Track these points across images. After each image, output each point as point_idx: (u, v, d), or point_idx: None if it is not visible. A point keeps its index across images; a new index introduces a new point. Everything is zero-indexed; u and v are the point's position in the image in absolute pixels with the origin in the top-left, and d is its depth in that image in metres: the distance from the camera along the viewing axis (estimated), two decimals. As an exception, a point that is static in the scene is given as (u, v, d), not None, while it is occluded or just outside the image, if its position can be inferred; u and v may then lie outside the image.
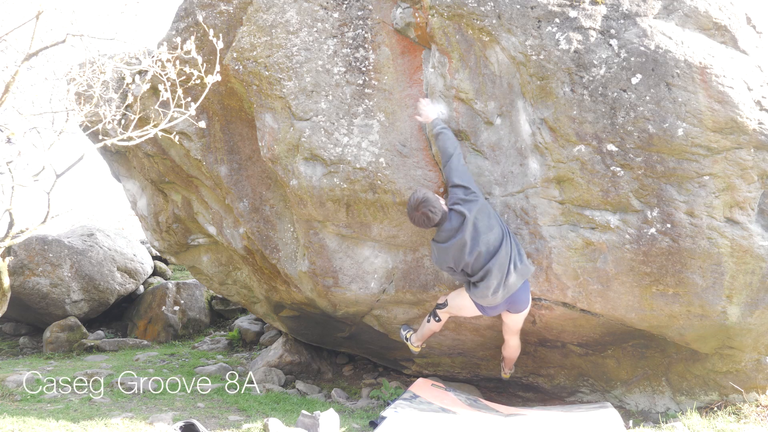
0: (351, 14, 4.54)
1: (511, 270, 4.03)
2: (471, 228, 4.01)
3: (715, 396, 4.57)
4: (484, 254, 4.02)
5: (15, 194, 3.59)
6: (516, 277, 4.05)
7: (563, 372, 5.10)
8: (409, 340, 4.89)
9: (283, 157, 4.61)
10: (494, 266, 4.01)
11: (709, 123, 3.72)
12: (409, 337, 4.88)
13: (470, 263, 4.07)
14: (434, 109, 4.26)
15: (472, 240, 4.02)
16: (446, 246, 4.08)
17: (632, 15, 3.89)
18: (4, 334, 9.07)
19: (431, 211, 4.02)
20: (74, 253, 8.73)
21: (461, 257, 4.06)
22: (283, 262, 5.08)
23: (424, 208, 4.03)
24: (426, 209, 4.02)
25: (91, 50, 3.80)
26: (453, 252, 4.08)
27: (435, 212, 4.03)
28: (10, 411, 4.54)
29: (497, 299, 4.11)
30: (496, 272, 4.01)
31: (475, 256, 4.03)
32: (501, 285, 4.04)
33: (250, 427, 4.12)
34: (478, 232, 4.02)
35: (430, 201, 4.04)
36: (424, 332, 4.71)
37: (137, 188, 6.37)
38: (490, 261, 4.02)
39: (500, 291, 4.06)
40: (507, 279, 4.03)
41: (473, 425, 4.07)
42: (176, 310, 9.04)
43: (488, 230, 4.02)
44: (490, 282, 4.03)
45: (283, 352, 6.44)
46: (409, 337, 4.88)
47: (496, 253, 4.01)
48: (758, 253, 3.82)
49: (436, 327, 4.62)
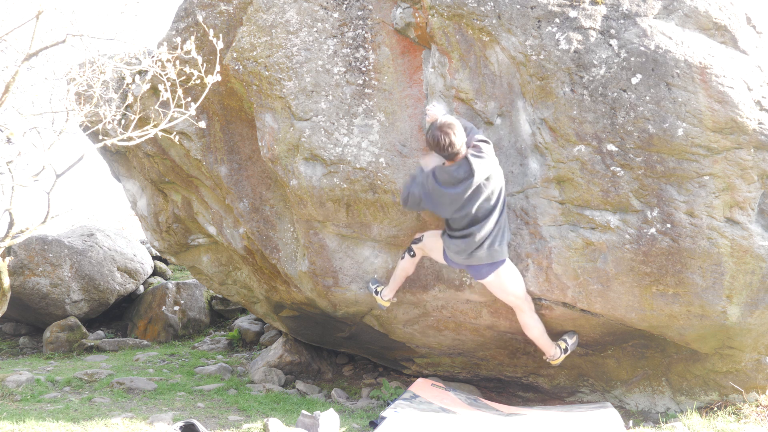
0: (351, 14, 4.54)
1: (485, 246, 3.97)
2: (474, 188, 3.85)
3: (715, 396, 4.57)
4: (471, 217, 3.93)
5: (15, 194, 3.59)
6: (486, 254, 3.99)
7: (563, 372, 5.10)
8: (379, 293, 4.59)
9: (283, 157, 4.61)
10: (475, 232, 3.94)
11: (709, 123, 3.72)
12: (380, 291, 4.59)
13: (456, 219, 3.98)
14: (440, 108, 4.20)
15: (468, 200, 3.88)
16: (442, 190, 3.89)
17: (632, 15, 3.89)
18: (4, 334, 9.07)
19: (452, 139, 3.75)
20: (74, 253, 8.72)
21: (449, 208, 3.93)
22: (283, 262, 5.08)
23: (448, 129, 3.76)
24: (449, 133, 3.75)
25: (91, 50, 3.80)
26: (444, 199, 3.91)
27: (454, 143, 3.76)
28: (10, 411, 4.54)
29: (459, 260, 4.08)
30: (472, 239, 3.95)
31: (464, 214, 3.93)
32: (469, 252, 3.99)
33: (250, 427, 4.12)
34: (479, 195, 3.88)
35: (457, 129, 3.79)
36: (398, 276, 4.46)
37: (137, 188, 6.37)
38: (473, 226, 3.95)
39: (464, 255, 4.02)
40: (477, 251, 3.98)
41: (473, 425, 4.07)
42: (176, 310, 9.04)
43: (488, 199, 3.91)
44: (462, 245, 3.99)
45: (283, 352, 6.44)
46: (380, 290, 4.59)
47: (483, 222, 3.93)
48: (758, 253, 3.82)
49: (410, 265, 4.41)
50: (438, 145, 3.81)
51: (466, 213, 3.92)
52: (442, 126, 3.79)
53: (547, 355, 4.49)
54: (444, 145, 3.79)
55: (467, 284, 4.50)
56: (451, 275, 4.55)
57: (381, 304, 4.66)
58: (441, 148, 3.82)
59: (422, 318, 4.99)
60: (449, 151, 3.81)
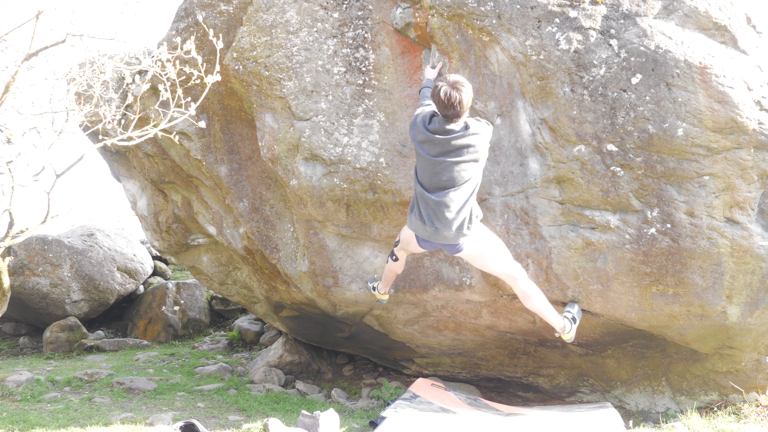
0: (351, 14, 4.54)
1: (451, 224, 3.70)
2: (460, 145, 3.62)
3: (715, 396, 4.57)
4: (445, 177, 3.66)
5: (15, 194, 3.59)
6: (453, 235, 3.74)
7: (563, 372, 5.10)
8: (376, 289, 4.65)
9: (283, 157, 4.61)
10: (442, 199, 3.67)
11: (709, 123, 3.72)
12: (376, 287, 4.65)
13: (429, 173, 3.70)
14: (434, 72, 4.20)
15: (449, 154, 3.64)
16: (429, 135, 3.67)
17: (632, 15, 3.89)
18: (4, 334, 9.07)
19: (462, 97, 3.55)
20: (74, 253, 8.73)
21: (428, 153, 3.68)
22: (283, 262, 5.08)
23: (461, 87, 3.56)
24: (461, 90, 3.55)
25: (91, 50, 3.80)
26: (428, 148, 3.68)
27: (464, 102, 3.57)
28: (10, 411, 4.55)
29: (424, 233, 3.79)
30: (436, 206, 3.68)
31: (438, 170, 3.66)
32: (432, 224, 3.73)
33: (250, 427, 4.12)
34: (460, 155, 3.64)
35: (468, 89, 3.60)
36: (387, 275, 4.45)
37: (137, 188, 6.37)
38: (441, 191, 3.67)
39: (429, 227, 3.74)
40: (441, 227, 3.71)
41: (473, 425, 4.07)
42: (176, 310, 9.04)
43: (465, 168, 3.66)
44: (426, 212, 3.73)
45: (283, 352, 6.44)
46: (376, 287, 4.65)
47: (451, 191, 3.67)
48: (758, 253, 3.82)
49: (396, 267, 4.34)
50: (447, 101, 3.56)
51: (443, 169, 3.65)
52: (456, 83, 3.57)
53: (557, 329, 4.15)
54: (453, 102, 3.56)
55: (467, 284, 4.51)
56: (451, 275, 4.55)
57: (380, 298, 4.65)
58: (448, 106, 3.58)
59: (422, 318, 4.99)
60: (456, 109, 3.58)
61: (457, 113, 3.60)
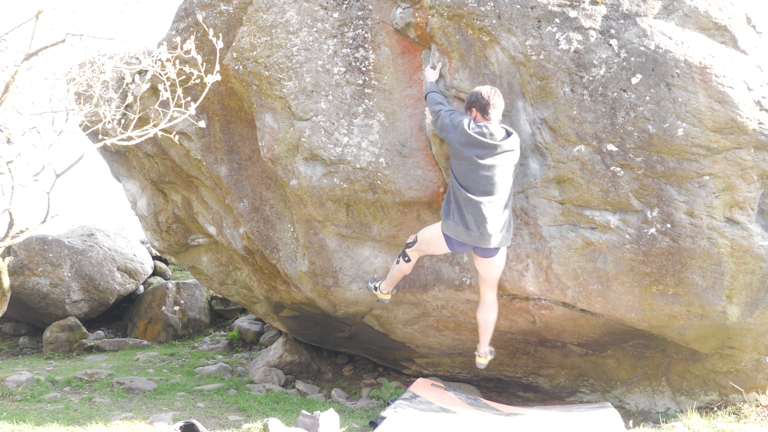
0: (351, 14, 4.54)
1: (497, 229, 3.87)
2: (506, 152, 3.86)
3: (715, 396, 4.57)
4: (490, 182, 3.84)
5: (15, 194, 3.59)
6: (499, 238, 3.90)
7: (563, 372, 5.10)
8: (378, 289, 4.60)
9: (283, 157, 4.61)
10: (485, 203, 3.83)
11: (709, 123, 3.72)
12: (378, 287, 4.60)
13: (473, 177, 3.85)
14: (435, 74, 4.24)
15: (495, 160, 3.83)
16: (478, 141, 3.83)
17: (632, 15, 3.89)
18: (4, 334, 9.07)
19: (497, 101, 3.90)
20: (74, 253, 8.72)
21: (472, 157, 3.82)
22: (283, 262, 5.08)
23: (498, 93, 3.93)
24: (499, 94, 3.92)
25: (91, 50, 3.80)
26: (475, 151, 3.83)
27: (497, 104, 3.90)
28: (10, 411, 4.55)
29: (467, 238, 3.90)
30: (480, 210, 3.83)
31: (483, 175, 3.83)
32: (478, 230, 3.86)
33: (250, 427, 4.12)
34: (504, 162, 3.86)
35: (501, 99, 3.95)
36: (394, 275, 4.43)
37: (137, 188, 6.37)
38: (486, 196, 3.84)
39: (474, 232, 3.87)
40: (487, 232, 3.85)
41: (473, 425, 4.07)
42: (176, 310, 9.04)
43: (509, 174, 3.90)
44: (470, 216, 3.85)
45: (283, 352, 6.44)
46: (378, 286, 4.60)
47: (495, 196, 3.86)
48: (758, 253, 3.82)
49: (406, 268, 4.37)
50: (485, 97, 3.87)
51: (490, 173, 3.83)
52: (494, 88, 3.94)
53: (481, 350, 4.40)
54: (488, 99, 3.86)
55: (467, 284, 4.51)
56: (451, 275, 4.55)
57: (382, 298, 4.63)
58: (484, 101, 3.87)
59: (422, 318, 4.99)
60: (490, 109, 3.87)
61: (488, 111, 3.86)
